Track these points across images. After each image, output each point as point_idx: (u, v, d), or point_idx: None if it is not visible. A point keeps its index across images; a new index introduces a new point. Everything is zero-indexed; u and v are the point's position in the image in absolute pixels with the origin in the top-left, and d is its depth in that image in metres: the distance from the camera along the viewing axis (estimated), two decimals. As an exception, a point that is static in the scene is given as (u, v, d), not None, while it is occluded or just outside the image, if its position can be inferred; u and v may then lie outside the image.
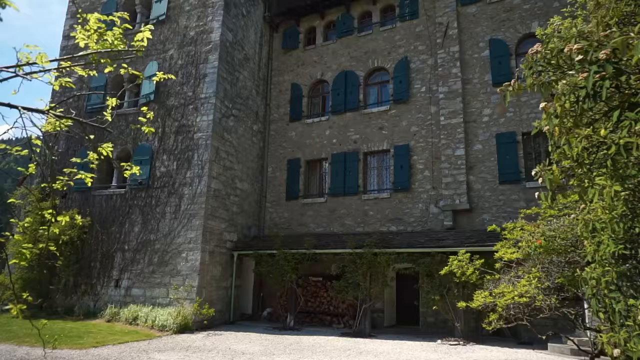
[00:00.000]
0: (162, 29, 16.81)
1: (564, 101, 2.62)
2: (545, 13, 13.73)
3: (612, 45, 2.36)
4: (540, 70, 2.84)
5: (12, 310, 3.62)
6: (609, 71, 2.33)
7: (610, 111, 2.75)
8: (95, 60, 4.48)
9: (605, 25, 2.98)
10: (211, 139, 14.89)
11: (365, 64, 16.98)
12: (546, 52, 2.80)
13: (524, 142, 13.62)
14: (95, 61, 4.48)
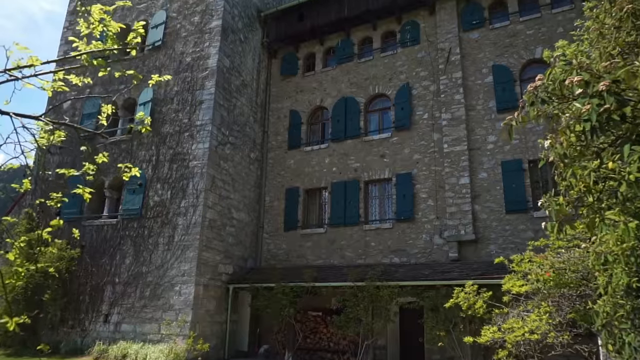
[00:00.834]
0: (158, 55, 17.10)
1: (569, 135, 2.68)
2: (549, 39, 14.01)
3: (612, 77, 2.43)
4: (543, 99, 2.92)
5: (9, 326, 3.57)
6: (609, 102, 2.40)
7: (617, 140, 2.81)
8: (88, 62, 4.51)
9: (608, 55, 3.07)
10: (207, 167, 14.96)
11: (366, 90, 17.22)
12: (548, 83, 2.88)
13: (530, 170, 13.71)
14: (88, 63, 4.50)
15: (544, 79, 2.95)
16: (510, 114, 10.71)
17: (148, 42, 17.51)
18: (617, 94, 2.42)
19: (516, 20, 15.22)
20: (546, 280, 7.71)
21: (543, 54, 9.81)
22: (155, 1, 18.17)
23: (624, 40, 3.15)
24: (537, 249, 9.66)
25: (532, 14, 15.06)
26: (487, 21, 15.72)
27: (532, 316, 8.45)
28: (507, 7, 15.59)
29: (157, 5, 18.02)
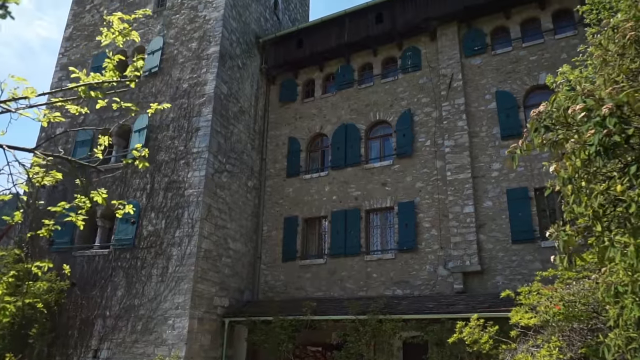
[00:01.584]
0: (154, 81, 17.32)
1: (574, 160, 2.72)
2: (553, 65, 14.22)
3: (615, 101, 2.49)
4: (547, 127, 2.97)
5: None
6: (611, 123, 2.45)
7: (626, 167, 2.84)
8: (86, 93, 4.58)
9: (613, 82, 3.13)
10: (203, 195, 14.99)
11: (367, 117, 17.38)
12: (552, 110, 2.93)
13: (537, 198, 13.72)
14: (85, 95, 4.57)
15: (548, 105, 3.01)
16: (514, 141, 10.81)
17: (144, 69, 17.73)
18: (620, 117, 2.47)
19: (519, 46, 15.48)
20: (555, 313, 7.64)
21: (546, 80, 9.97)
22: (152, 27, 18.50)
23: (628, 67, 3.22)
24: (546, 280, 9.61)
25: (534, 40, 15.32)
26: (489, 47, 15.99)
27: (542, 352, 8.34)
28: (509, 33, 15.88)
29: (154, 32, 18.34)
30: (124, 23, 4.51)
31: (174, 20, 18.19)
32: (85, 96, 4.54)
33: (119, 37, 4.47)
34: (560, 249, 3.33)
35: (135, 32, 4.61)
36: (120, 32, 4.45)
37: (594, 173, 2.80)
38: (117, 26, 4.44)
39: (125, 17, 4.56)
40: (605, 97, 2.68)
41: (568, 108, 2.75)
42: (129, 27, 4.51)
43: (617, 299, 3.46)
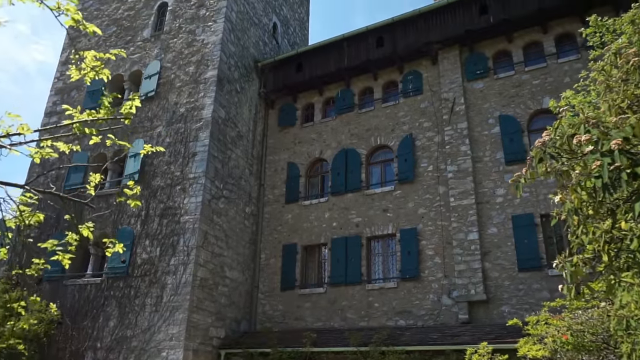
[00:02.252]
0: (150, 106, 17.45)
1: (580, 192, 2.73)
2: (556, 89, 14.36)
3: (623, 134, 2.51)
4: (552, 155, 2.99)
5: None
6: (621, 160, 2.47)
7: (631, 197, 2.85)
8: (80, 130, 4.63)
9: (617, 108, 3.17)
10: (199, 222, 14.96)
11: (367, 141, 17.46)
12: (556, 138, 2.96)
13: (543, 225, 13.70)
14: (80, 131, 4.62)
15: (551, 133, 3.03)
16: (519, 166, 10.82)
17: (141, 93, 17.88)
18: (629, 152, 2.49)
19: (521, 70, 15.65)
20: (564, 343, 7.55)
21: (550, 104, 10.05)
22: (149, 51, 18.73)
23: (632, 93, 3.25)
24: (554, 310, 9.52)
25: (537, 64, 15.51)
26: (491, 71, 16.17)
27: (551, 385, 8.21)
28: (512, 57, 16.08)
29: (151, 56, 18.57)
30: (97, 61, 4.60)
31: (171, 44, 18.44)
32: (80, 133, 4.60)
33: (90, 74, 4.54)
34: (567, 279, 3.32)
35: (107, 71, 4.69)
36: (92, 68, 4.52)
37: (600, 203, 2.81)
38: (90, 63, 4.51)
39: (99, 55, 4.65)
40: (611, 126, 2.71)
41: (572, 136, 2.78)
42: (101, 65, 4.59)
43: (629, 331, 3.43)
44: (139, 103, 4.90)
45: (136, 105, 4.88)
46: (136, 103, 4.82)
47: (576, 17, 15.03)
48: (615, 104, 3.19)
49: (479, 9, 16.33)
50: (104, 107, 4.65)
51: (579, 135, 2.72)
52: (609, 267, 3.05)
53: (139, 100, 4.87)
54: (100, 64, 4.63)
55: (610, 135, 2.62)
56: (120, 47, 19.35)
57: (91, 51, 4.65)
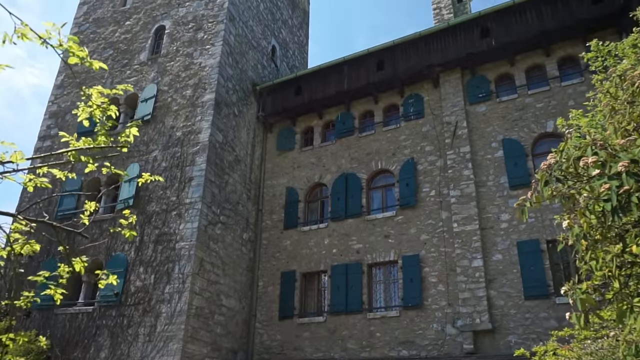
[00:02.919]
0: (146, 129, 17.53)
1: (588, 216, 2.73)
2: (560, 112, 14.45)
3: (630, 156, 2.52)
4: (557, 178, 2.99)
5: None
6: (629, 184, 2.47)
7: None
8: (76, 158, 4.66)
9: (624, 130, 3.19)
10: (195, 248, 14.89)
11: (368, 165, 17.50)
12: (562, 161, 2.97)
13: (549, 251, 13.64)
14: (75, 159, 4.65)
15: (557, 155, 3.04)
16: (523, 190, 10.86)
17: (137, 117, 18.00)
18: (637, 175, 2.50)
19: (524, 94, 15.79)
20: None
21: (557, 122, 10.11)
22: (145, 75, 18.91)
23: (638, 116, 3.28)
24: (562, 340, 9.42)
25: (540, 87, 15.65)
26: (493, 94, 16.31)
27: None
28: (514, 80, 16.24)
29: (148, 79, 18.73)
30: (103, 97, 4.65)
31: (168, 67, 18.62)
32: (75, 161, 4.63)
33: (97, 111, 4.59)
34: (577, 306, 3.29)
35: (114, 107, 4.74)
36: (99, 106, 4.57)
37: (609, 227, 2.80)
38: (96, 100, 4.57)
39: (105, 92, 4.70)
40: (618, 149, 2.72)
41: (579, 158, 2.79)
42: (107, 101, 4.63)
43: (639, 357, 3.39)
44: (137, 132, 4.93)
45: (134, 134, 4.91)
46: (134, 132, 4.85)
47: (579, 40, 15.23)
48: (622, 127, 3.21)
49: (480, 32, 16.56)
50: (101, 135, 4.68)
51: (585, 157, 2.73)
52: (619, 293, 3.03)
53: (136, 129, 4.90)
54: (107, 100, 4.67)
55: (618, 157, 2.63)
56: (117, 70, 19.56)
57: (98, 87, 4.69)
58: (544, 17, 15.61)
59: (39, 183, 4.92)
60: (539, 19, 15.68)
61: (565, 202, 3.09)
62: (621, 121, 3.30)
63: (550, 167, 3.06)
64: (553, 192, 3.05)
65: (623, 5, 13.86)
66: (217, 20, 18.69)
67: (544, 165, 3.16)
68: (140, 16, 20.57)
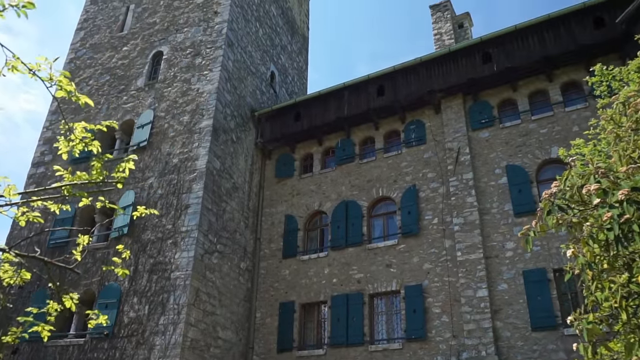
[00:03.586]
0: (142, 156, 17.60)
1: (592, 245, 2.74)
2: (565, 138, 14.55)
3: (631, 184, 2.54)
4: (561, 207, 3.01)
5: None
6: (629, 212, 2.49)
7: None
8: (70, 192, 4.70)
9: (629, 158, 3.22)
10: (191, 278, 14.80)
11: (369, 193, 17.53)
12: (566, 189, 2.99)
13: (556, 280, 13.56)
14: (69, 194, 4.69)
15: (560, 184, 3.07)
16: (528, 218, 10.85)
17: (133, 143, 18.10)
18: (638, 202, 2.52)
19: (528, 119, 15.90)
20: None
21: (559, 152, 10.17)
22: (142, 100, 19.07)
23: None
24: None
25: (544, 113, 15.78)
26: (496, 120, 16.42)
27: None
28: (517, 105, 16.37)
29: (145, 105, 18.89)
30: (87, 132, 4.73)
31: (165, 93, 18.79)
32: (69, 195, 4.68)
33: (79, 146, 4.66)
34: (584, 337, 3.28)
35: (97, 142, 4.82)
36: (82, 140, 4.64)
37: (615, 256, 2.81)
38: (79, 134, 4.64)
39: (89, 127, 4.78)
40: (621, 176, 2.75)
41: (582, 186, 2.81)
42: (91, 136, 4.71)
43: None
44: (132, 166, 4.98)
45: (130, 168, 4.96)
46: (129, 166, 4.91)
47: (582, 65, 15.42)
48: (626, 154, 3.24)
49: (481, 58, 16.76)
50: (96, 169, 4.73)
51: (588, 185, 2.76)
52: (627, 324, 3.02)
53: (132, 163, 4.95)
54: (90, 135, 4.74)
55: (620, 185, 2.66)
56: (113, 96, 19.74)
57: (82, 122, 4.77)
58: (546, 42, 15.82)
59: (32, 217, 4.96)
60: (540, 44, 15.89)
61: (571, 230, 3.11)
62: (626, 148, 3.33)
63: (553, 195, 3.08)
64: (558, 221, 3.07)
65: (625, 30, 14.07)
66: (216, 46, 18.94)
67: (546, 194, 3.18)
68: (138, 42, 20.85)
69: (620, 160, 3.21)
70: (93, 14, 23.00)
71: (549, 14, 15.84)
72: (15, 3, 3.73)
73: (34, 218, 5.00)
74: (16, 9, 3.73)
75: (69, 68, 21.55)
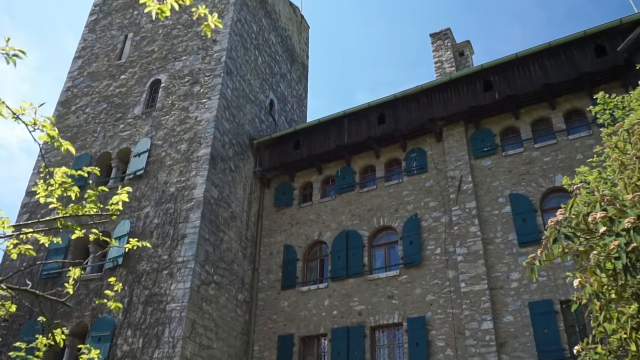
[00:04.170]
0: (138, 185, 17.63)
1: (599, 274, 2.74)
2: (569, 166, 14.61)
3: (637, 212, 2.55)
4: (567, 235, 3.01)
5: None
6: (636, 240, 2.49)
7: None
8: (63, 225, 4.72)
9: (634, 186, 3.23)
10: (187, 310, 14.67)
11: (370, 222, 17.50)
12: (571, 217, 3.00)
13: (563, 312, 13.44)
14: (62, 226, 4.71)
15: (566, 212, 3.08)
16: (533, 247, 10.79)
17: (129, 171, 18.15)
18: (645, 230, 2.53)
19: (531, 147, 15.98)
20: None
21: (562, 181, 10.20)
22: (139, 129, 19.19)
23: (648, 171, 3.34)
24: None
25: (547, 141, 15.86)
26: (499, 148, 16.50)
27: None
28: (520, 133, 16.47)
29: (142, 133, 19.00)
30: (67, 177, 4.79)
31: (163, 121, 18.92)
32: (63, 228, 4.71)
33: (58, 191, 4.72)
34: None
35: (77, 188, 4.88)
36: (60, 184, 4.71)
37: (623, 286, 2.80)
38: (59, 179, 4.71)
39: (70, 172, 4.85)
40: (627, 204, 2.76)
41: (588, 214, 2.82)
42: (70, 182, 4.77)
43: None
44: (127, 198, 5.01)
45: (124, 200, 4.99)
46: (124, 198, 4.94)
47: (584, 93, 15.57)
48: (632, 182, 3.26)
49: (483, 85, 16.94)
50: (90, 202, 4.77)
51: (594, 213, 2.76)
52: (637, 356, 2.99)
53: (126, 195, 4.98)
54: (70, 181, 4.80)
55: (626, 213, 2.66)
56: (110, 124, 19.87)
57: (62, 168, 4.84)
58: (547, 70, 16.01)
59: (24, 250, 4.97)
60: (542, 72, 16.08)
61: (577, 259, 3.10)
62: (631, 176, 3.35)
63: (558, 223, 3.09)
64: (564, 250, 3.07)
65: (627, 58, 14.25)
66: (214, 74, 19.15)
67: (552, 222, 3.19)
68: (136, 70, 21.08)
69: (625, 188, 3.23)
70: (91, 42, 23.31)
71: (550, 42, 16.07)
72: (5, 51, 3.82)
73: (26, 250, 5.00)
74: (6, 56, 3.82)
75: (66, 96, 21.76)
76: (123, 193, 5.00)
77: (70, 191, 4.76)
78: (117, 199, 4.97)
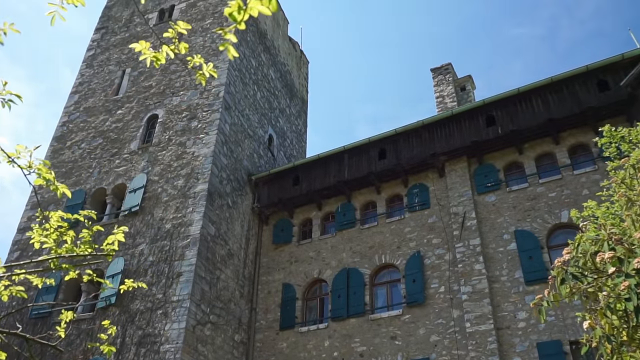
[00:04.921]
0: (133, 221, 17.57)
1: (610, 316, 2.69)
2: (575, 202, 14.58)
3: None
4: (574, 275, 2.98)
5: None
6: (648, 282, 2.47)
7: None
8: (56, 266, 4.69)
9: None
10: (181, 352, 14.45)
11: (371, 260, 17.38)
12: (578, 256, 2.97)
13: (573, 353, 13.23)
14: (56, 267, 4.68)
15: (572, 251, 3.04)
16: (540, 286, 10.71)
17: (124, 207, 18.12)
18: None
19: (535, 183, 15.99)
20: None
21: (571, 214, 10.15)
22: (135, 164, 19.24)
23: (655, 207, 3.32)
24: None
25: (551, 176, 15.88)
26: (503, 183, 16.51)
27: None
28: (524, 168, 16.51)
29: (138, 169, 19.04)
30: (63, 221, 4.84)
31: (159, 156, 18.99)
32: (56, 269, 4.70)
33: (53, 235, 4.76)
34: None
35: (72, 232, 4.92)
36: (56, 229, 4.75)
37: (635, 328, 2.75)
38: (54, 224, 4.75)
39: (66, 216, 4.89)
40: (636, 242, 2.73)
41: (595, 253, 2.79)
42: (66, 226, 4.82)
43: None
44: (123, 238, 5.01)
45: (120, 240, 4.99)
46: (119, 237, 4.93)
47: (588, 128, 15.67)
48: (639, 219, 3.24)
49: (485, 120, 17.05)
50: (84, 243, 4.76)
51: (602, 252, 2.74)
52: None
53: (122, 235, 4.98)
54: (66, 225, 4.83)
55: (635, 252, 2.64)
56: (106, 159, 19.93)
57: (58, 212, 4.87)
58: (550, 105, 16.15)
59: (15, 292, 4.94)
60: (545, 106, 16.21)
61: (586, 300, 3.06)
62: (639, 213, 3.33)
63: (566, 263, 3.05)
64: (572, 290, 3.03)
65: (630, 93, 14.39)
66: (212, 109, 19.30)
67: (559, 261, 3.15)
68: (133, 105, 21.27)
69: (633, 225, 3.20)
70: (88, 77, 23.58)
71: (552, 77, 16.26)
72: (2, 95, 3.86)
73: (17, 292, 4.97)
74: (2, 100, 3.86)
75: (62, 131, 21.89)
76: (119, 232, 4.99)
77: (66, 235, 4.78)
78: (113, 238, 4.94)
